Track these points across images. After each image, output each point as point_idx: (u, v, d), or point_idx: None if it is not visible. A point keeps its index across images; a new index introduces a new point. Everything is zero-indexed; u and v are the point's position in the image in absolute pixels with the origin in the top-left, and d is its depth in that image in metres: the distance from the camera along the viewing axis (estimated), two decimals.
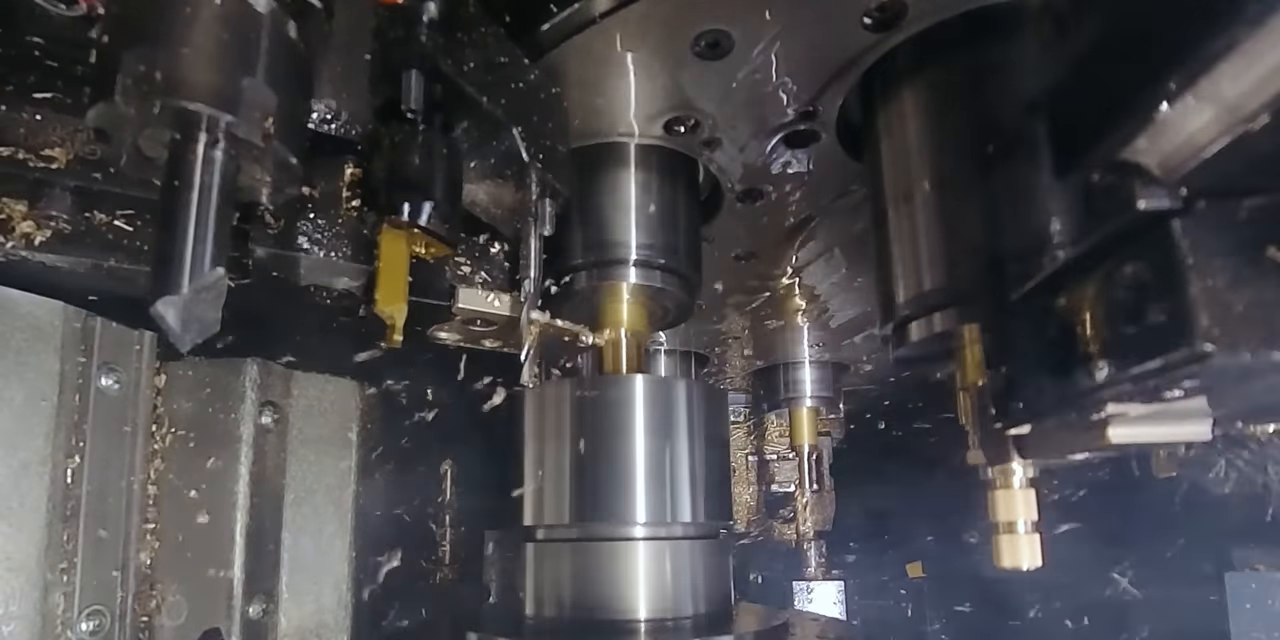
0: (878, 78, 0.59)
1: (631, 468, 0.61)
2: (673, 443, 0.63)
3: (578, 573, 0.63)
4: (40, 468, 0.57)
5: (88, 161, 0.50)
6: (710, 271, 0.79)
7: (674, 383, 0.67)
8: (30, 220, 0.50)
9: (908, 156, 0.57)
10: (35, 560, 0.59)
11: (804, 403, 1.20)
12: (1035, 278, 0.43)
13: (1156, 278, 0.34)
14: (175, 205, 0.41)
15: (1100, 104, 0.38)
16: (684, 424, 0.64)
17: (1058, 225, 0.44)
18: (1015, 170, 0.47)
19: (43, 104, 0.48)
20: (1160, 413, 0.38)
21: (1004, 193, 0.48)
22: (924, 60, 0.56)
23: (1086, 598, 1.35)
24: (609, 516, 0.61)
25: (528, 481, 0.63)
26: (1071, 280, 0.40)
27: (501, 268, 0.66)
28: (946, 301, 0.52)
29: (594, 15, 0.50)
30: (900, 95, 0.58)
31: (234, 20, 0.41)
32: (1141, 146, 0.34)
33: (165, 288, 0.40)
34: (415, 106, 0.47)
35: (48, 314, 0.53)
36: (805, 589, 1.23)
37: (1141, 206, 0.34)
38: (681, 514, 0.62)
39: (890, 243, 0.57)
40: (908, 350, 0.58)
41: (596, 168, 0.65)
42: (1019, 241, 0.46)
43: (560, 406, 0.64)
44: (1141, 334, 0.34)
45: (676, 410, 0.64)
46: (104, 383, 0.58)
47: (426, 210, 0.52)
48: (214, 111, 0.40)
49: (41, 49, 0.46)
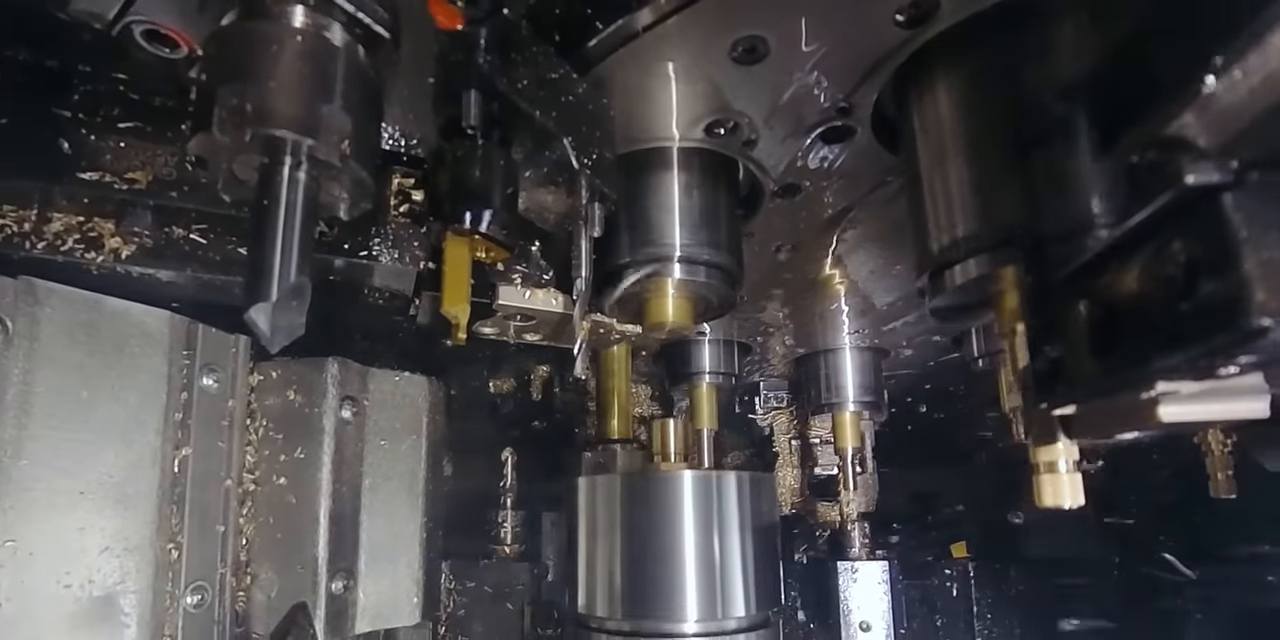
0: (912, 68, 0.58)
1: (681, 564, 0.62)
2: (723, 537, 0.64)
3: None
4: (152, 459, 0.63)
5: (166, 182, 0.54)
6: (751, 264, 0.80)
7: (723, 478, 0.68)
8: (118, 236, 0.54)
9: (945, 136, 0.57)
10: (149, 541, 0.64)
11: (847, 407, 1.20)
12: (1079, 259, 0.42)
13: (1209, 253, 0.32)
14: (265, 221, 0.45)
15: (1143, 81, 0.37)
16: (734, 517, 0.65)
17: (1099, 205, 0.44)
18: (1053, 152, 0.47)
19: (127, 133, 0.52)
20: (1214, 390, 0.36)
21: (1043, 174, 0.47)
22: (958, 50, 0.55)
23: None
24: (660, 614, 0.62)
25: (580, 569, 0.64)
26: (1117, 259, 0.39)
27: (539, 266, 0.68)
28: (982, 245, 0.52)
29: (637, 29, 0.52)
30: (934, 85, 0.58)
31: (313, 54, 0.44)
32: (1188, 121, 0.33)
33: (257, 295, 0.43)
34: (475, 123, 0.50)
35: (157, 321, 0.58)
36: (850, 569, 1.22)
37: (1190, 182, 0.32)
38: (733, 609, 0.63)
39: (925, 201, 0.57)
40: (944, 299, 0.57)
41: (642, 171, 0.66)
42: (1060, 222, 0.45)
43: (610, 502, 0.66)
44: (1194, 311, 0.33)
45: (726, 504, 0.65)
46: (205, 382, 0.63)
47: (487, 218, 0.54)
48: (297, 137, 0.44)
49: (126, 84, 0.50)
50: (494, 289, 0.66)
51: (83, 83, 0.48)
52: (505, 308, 0.67)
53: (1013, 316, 0.49)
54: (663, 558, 0.63)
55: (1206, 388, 0.36)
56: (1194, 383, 0.36)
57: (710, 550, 0.63)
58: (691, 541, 0.63)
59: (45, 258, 0.50)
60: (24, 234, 0.49)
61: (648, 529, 0.63)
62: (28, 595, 0.56)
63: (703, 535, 0.63)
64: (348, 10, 0.43)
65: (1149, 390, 0.37)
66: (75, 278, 0.52)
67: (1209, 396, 0.37)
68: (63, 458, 0.58)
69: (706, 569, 0.63)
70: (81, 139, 0.48)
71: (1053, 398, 0.45)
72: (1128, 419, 0.41)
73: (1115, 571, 1.47)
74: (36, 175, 0.48)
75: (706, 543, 0.63)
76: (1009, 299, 0.50)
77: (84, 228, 0.51)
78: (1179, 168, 0.33)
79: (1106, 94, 0.44)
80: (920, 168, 0.58)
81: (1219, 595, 1.28)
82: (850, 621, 1.20)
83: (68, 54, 0.47)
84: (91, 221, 0.51)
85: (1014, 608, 1.54)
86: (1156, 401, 0.37)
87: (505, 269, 0.65)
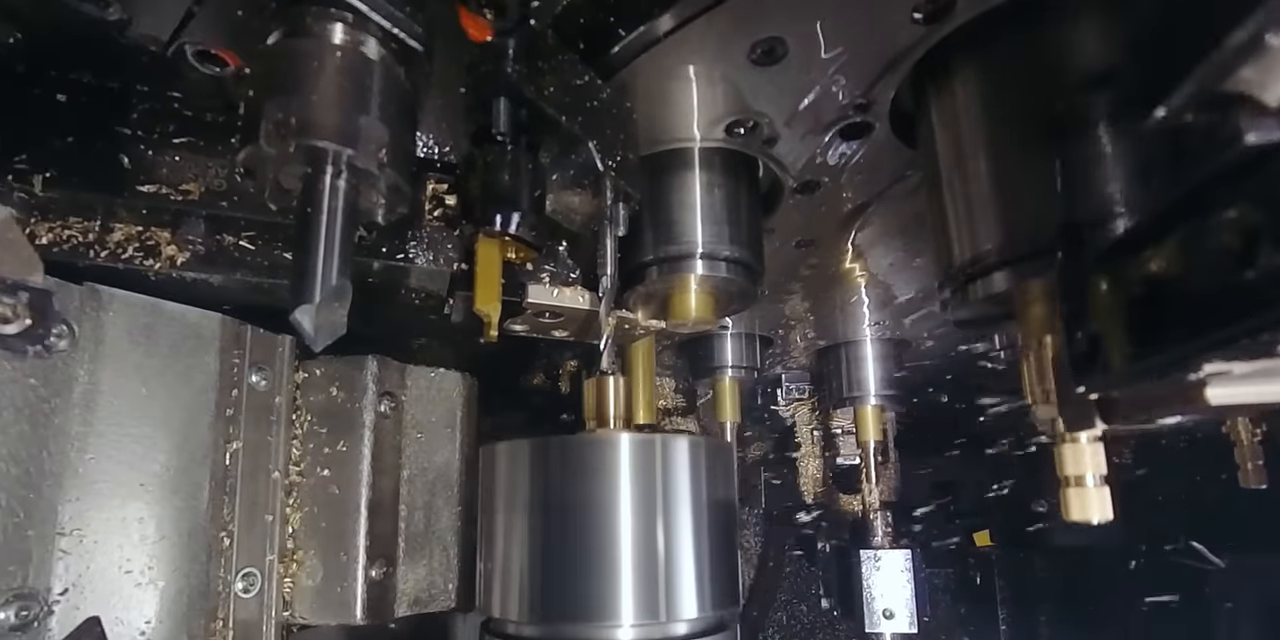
0: (930, 63, 0.58)
1: (614, 553, 0.48)
2: (669, 518, 0.50)
3: None
4: (205, 452, 0.66)
5: (217, 192, 0.57)
6: (772, 259, 0.81)
7: (669, 444, 0.53)
8: (173, 244, 0.57)
9: (964, 133, 0.56)
10: (203, 530, 0.67)
11: (868, 401, 1.21)
12: (1114, 237, 0.41)
13: (1270, 219, 0.29)
14: (308, 228, 0.47)
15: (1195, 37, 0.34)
16: (684, 493, 0.51)
17: (1132, 186, 0.43)
18: (1082, 136, 0.46)
19: (181, 147, 0.55)
20: (1266, 370, 0.33)
21: (1073, 155, 0.46)
22: (977, 43, 0.55)
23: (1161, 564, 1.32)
24: (585, 616, 0.48)
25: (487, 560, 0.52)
26: (1155, 236, 0.36)
27: (565, 264, 0.70)
28: (1005, 260, 0.50)
29: (658, 35, 0.53)
30: (952, 80, 0.58)
31: (352, 68, 0.46)
32: (1247, 76, 0.30)
33: (301, 297, 0.46)
34: (504, 130, 0.52)
35: (209, 323, 0.61)
36: (873, 557, 1.22)
37: (1251, 140, 0.30)
38: (680, 609, 0.49)
39: (946, 207, 0.56)
40: (968, 311, 0.55)
41: (664, 171, 0.68)
42: (1092, 206, 0.45)
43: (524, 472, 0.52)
44: (1252, 283, 0.30)
45: (673, 477, 0.51)
46: (253, 380, 0.66)
47: (516, 220, 0.56)
48: (338, 147, 0.46)
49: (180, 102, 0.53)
50: (523, 288, 0.67)
51: (141, 102, 0.51)
52: (534, 306, 0.69)
53: (1040, 328, 0.48)
54: (590, 544, 0.49)
55: (1258, 368, 0.33)
56: (1244, 363, 0.33)
57: (652, 534, 0.49)
58: (627, 523, 0.49)
59: (108, 266, 0.53)
60: (88, 244, 0.52)
61: (571, 507, 0.49)
62: (92, 581, 0.60)
63: (642, 515, 0.49)
64: (383, 26, 0.45)
65: (1195, 371, 0.34)
66: (135, 284, 0.55)
67: (1261, 377, 0.34)
68: (124, 452, 0.61)
69: (647, 559, 0.49)
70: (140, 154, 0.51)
71: (1090, 382, 0.42)
72: (1171, 402, 0.38)
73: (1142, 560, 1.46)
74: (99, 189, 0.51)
75: (647, 525, 0.49)
76: (1035, 311, 0.48)
77: (142, 237, 0.54)
78: (1236, 127, 0.30)
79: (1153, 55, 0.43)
80: (940, 168, 0.58)
81: (1247, 584, 1.26)
82: (874, 609, 1.19)
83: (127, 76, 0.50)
84: (149, 231, 0.54)
85: (1039, 596, 1.53)
86: (1204, 383, 0.35)
87: (534, 268, 0.67)
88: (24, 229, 0.43)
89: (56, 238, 0.50)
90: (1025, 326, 0.49)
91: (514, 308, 0.69)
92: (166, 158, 0.52)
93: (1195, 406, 0.36)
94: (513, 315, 0.72)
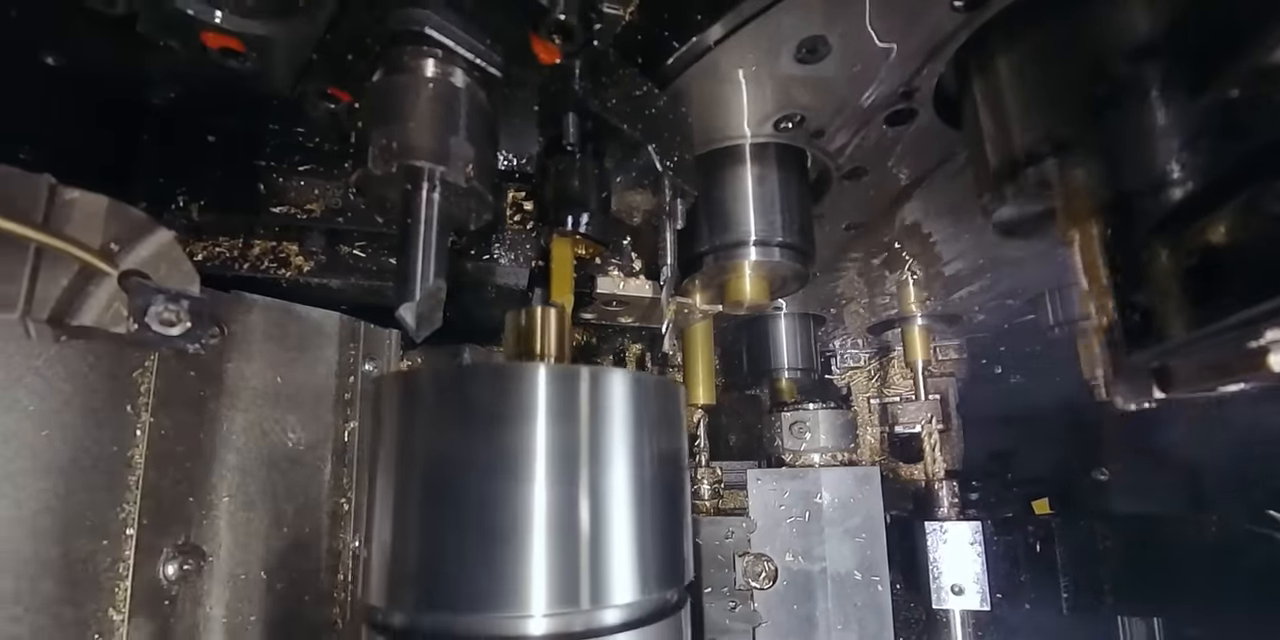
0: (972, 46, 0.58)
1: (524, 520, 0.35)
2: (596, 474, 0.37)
3: None
4: (328, 431, 0.74)
5: (334, 210, 0.64)
6: (823, 242, 0.83)
7: (600, 377, 0.40)
8: (300, 255, 0.65)
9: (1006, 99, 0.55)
10: (325, 497, 0.76)
11: (915, 322, 1.17)
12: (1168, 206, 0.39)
13: None
14: (408, 236, 0.52)
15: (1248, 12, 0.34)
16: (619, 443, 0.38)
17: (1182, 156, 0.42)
18: (1129, 108, 0.45)
19: (305, 173, 0.62)
20: None
21: (1120, 131, 0.46)
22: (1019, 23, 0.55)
23: None
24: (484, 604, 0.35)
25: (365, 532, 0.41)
26: (1210, 205, 0.35)
27: (629, 257, 0.75)
28: (1045, 151, 0.49)
29: (709, 44, 0.56)
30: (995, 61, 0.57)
31: (442, 96, 0.51)
32: None
33: (404, 296, 0.51)
34: (573, 141, 0.56)
35: (329, 321, 0.68)
36: (939, 529, 1.13)
37: None
38: (610, 591, 0.37)
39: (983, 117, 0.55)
40: (1011, 210, 0.54)
41: (718, 167, 0.71)
42: (1141, 177, 0.44)
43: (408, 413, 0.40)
44: None
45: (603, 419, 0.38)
46: (366, 368, 0.74)
47: (585, 220, 0.61)
48: (431, 165, 0.51)
49: (303, 136, 0.60)
50: (593, 280, 0.73)
51: (273, 138, 0.58)
52: (602, 296, 0.74)
53: (1084, 213, 0.46)
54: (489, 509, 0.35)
55: None
56: None
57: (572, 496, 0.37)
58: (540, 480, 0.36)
59: (248, 275, 0.61)
60: (233, 258, 0.60)
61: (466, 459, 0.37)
62: (239, 540, 0.69)
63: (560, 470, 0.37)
64: (468, 58, 0.50)
65: (1257, 338, 0.33)
66: (270, 289, 0.63)
67: None
68: (263, 431, 0.70)
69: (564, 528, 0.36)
70: (273, 181, 0.58)
71: (1146, 351, 0.40)
72: (1233, 370, 0.36)
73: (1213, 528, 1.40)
74: (242, 212, 0.59)
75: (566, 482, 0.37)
76: (1077, 201, 0.47)
77: (276, 250, 0.62)
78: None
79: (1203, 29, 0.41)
80: (982, 119, 0.58)
81: None
82: (941, 584, 1.10)
83: (262, 118, 0.57)
84: (281, 245, 0.61)
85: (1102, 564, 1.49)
86: (1267, 350, 0.33)
87: (602, 262, 0.72)
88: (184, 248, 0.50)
89: (209, 254, 0.59)
90: (1067, 217, 0.48)
91: (584, 298, 0.74)
92: (294, 183, 0.60)
93: (1259, 374, 0.35)
94: (583, 305, 0.77)
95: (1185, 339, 0.38)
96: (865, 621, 0.93)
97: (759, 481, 0.96)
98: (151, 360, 0.59)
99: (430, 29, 0.47)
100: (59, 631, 0.55)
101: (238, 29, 0.42)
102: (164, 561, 0.62)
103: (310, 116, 0.49)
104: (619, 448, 0.39)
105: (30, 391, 0.55)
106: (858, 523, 0.96)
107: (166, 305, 0.51)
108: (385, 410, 0.44)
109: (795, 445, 1.02)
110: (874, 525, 0.96)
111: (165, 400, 0.61)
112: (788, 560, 0.94)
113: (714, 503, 0.98)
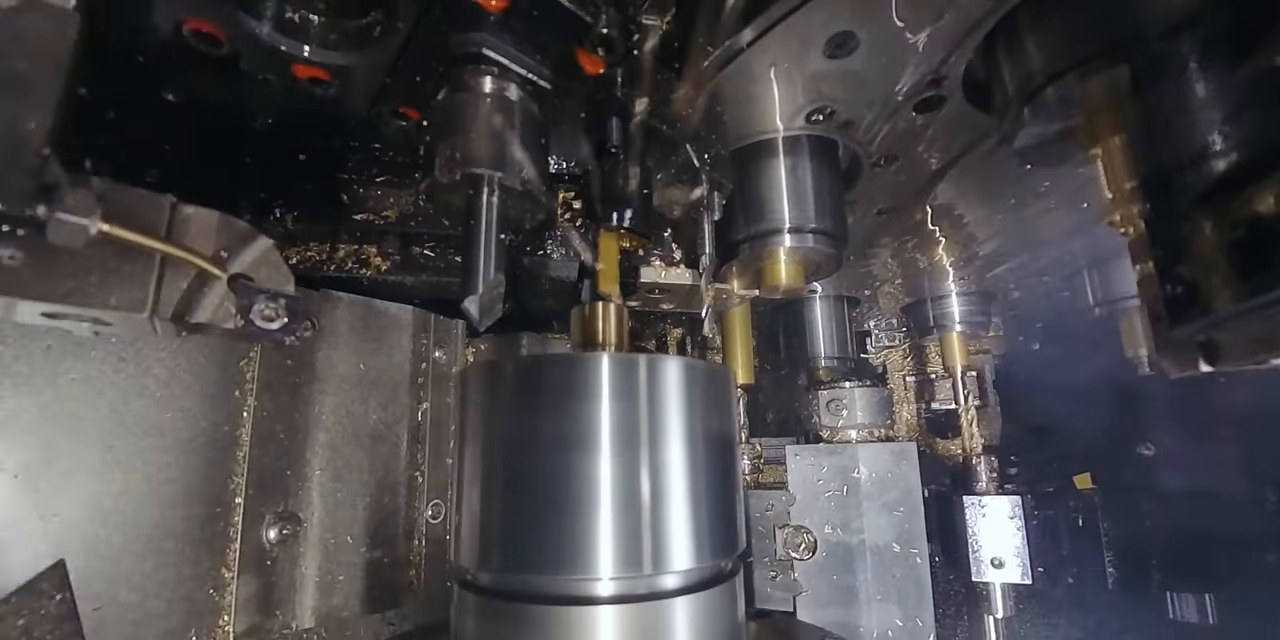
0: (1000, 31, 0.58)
1: (591, 492, 0.39)
2: (656, 452, 0.41)
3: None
4: (403, 411, 0.81)
5: (407, 215, 0.70)
6: (855, 227, 0.84)
7: (657, 364, 0.43)
8: (379, 257, 0.71)
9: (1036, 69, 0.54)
10: (402, 470, 0.83)
11: (953, 328, 1.18)
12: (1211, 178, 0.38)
13: None
14: (472, 236, 0.57)
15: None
16: (676, 422, 0.42)
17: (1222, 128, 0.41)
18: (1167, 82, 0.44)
19: (380, 184, 0.68)
20: None
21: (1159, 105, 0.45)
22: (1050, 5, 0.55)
23: None
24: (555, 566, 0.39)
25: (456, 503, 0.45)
26: (1261, 173, 0.35)
27: (670, 248, 0.78)
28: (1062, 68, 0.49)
29: (741, 46, 0.57)
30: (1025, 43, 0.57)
31: (499, 109, 0.55)
32: None
33: (468, 290, 0.56)
34: (618, 144, 0.60)
35: (404, 314, 0.75)
36: (977, 503, 1.11)
37: None
38: (670, 558, 0.40)
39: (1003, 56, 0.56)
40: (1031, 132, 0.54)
41: (752, 160, 0.73)
42: (1181, 150, 0.43)
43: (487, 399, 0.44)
44: None
45: (661, 403, 0.42)
46: (436, 355, 0.80)
47: (629, 216, 0.65)
48: (490, 172, 0.56)
49: (379, 151, 0.65)
50: (637, 271, 0.77)
51: (353, 154, 0.64)
52: (646, 284, 0.78)
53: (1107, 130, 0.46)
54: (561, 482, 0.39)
55: None
56: None
57: (634, 471, 0.40)
58: (606, 457, 0.40)
59: (335, 275, 0.68)
60: (321, 261, 0.67)
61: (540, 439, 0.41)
62: (330, 508, 0.76)
63: (624, 448, 0.40)
64: (521, 73, 0.54)
65: None
66: (353, 287, 0.70)
67: None
68: (349, 412, 0.77)
69: (628, 499, 0.40)
70: (354, 192, 0.65)
71: (1191, 325, 0.39)
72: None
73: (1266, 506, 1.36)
74: (328, 220, 0.66)
75: (629, 459, 0.40)
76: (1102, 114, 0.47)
77: (358, 253, 0.68)
78: None
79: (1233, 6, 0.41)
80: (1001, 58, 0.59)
81: None
82: (980, 558, 1.09)
83: (344, 136, 0.63)
84: (362, 248, 0.68)
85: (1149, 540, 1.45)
86: None
87: (645, 253, 0.76)
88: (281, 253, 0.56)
89: (301, 258, 0.66)
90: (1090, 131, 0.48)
91: (629, 287, 0.79)
92: (372, 193, 0.66)
93: None
94: (628, 293, 0.81)
95: (1232, 311, 0.37)
96: (905, 592, 0.94)
97: (797, 457, 0.98)
98: (255, 351, 0.66)
99: (488, 49, 0.52)
100: (180, 586, 0.62)
101: (323, 60, 0.47)
102: (266, 527, 0.69)
103: (384, 133, 0.54)
104: (674, 426, 0.43)
105: (157, 380, 0.63)
106: (895, 496, 0.97)
107: (267, 303, 0.57)
108: (471, 396, 0.49)
109: (832, 422, 1.04)
110: (912, 499, 0.97)
111: (267, 385, 0.68)
112: (826, 532, 0.96)
113: (754, 477, 1.00)
